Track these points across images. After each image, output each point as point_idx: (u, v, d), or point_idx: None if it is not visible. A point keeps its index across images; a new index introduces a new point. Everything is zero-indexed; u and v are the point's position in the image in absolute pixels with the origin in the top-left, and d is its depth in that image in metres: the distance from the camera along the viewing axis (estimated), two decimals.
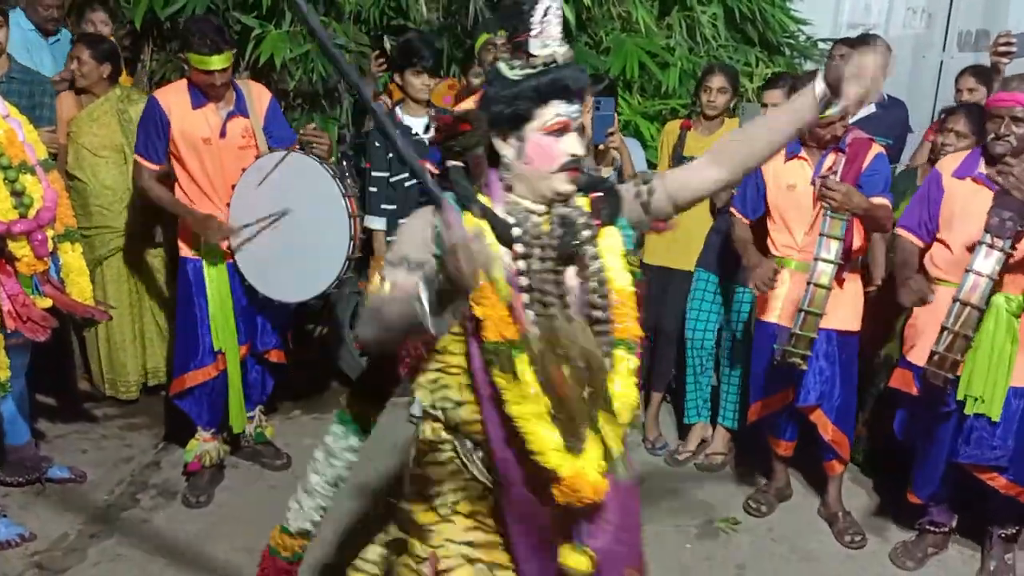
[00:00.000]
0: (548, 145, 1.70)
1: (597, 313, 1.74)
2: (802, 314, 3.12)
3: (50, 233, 3.01)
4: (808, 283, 3.12)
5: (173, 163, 3.43)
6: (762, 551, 3.38)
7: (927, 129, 4.20)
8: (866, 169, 3.22)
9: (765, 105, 3.73)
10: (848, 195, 3.05)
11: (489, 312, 1.63)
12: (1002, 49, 3.44)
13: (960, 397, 2.95)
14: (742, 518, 3.57)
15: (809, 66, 5.11)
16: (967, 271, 2.84)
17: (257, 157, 3.38)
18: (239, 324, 3.52)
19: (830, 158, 3.28)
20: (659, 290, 4.01)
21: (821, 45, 5.19)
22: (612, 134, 3.58)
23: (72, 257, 3.14)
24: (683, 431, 4.19)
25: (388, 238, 4.00)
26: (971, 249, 2.90)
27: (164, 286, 4.20)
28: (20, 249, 2.92)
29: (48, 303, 3.02)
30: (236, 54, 3.45)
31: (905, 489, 3.32)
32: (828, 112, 1.68)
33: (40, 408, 4.01)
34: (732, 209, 3.51)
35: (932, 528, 3.31)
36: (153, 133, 3.37)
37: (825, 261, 3.11)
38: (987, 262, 2.81)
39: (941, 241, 3.11)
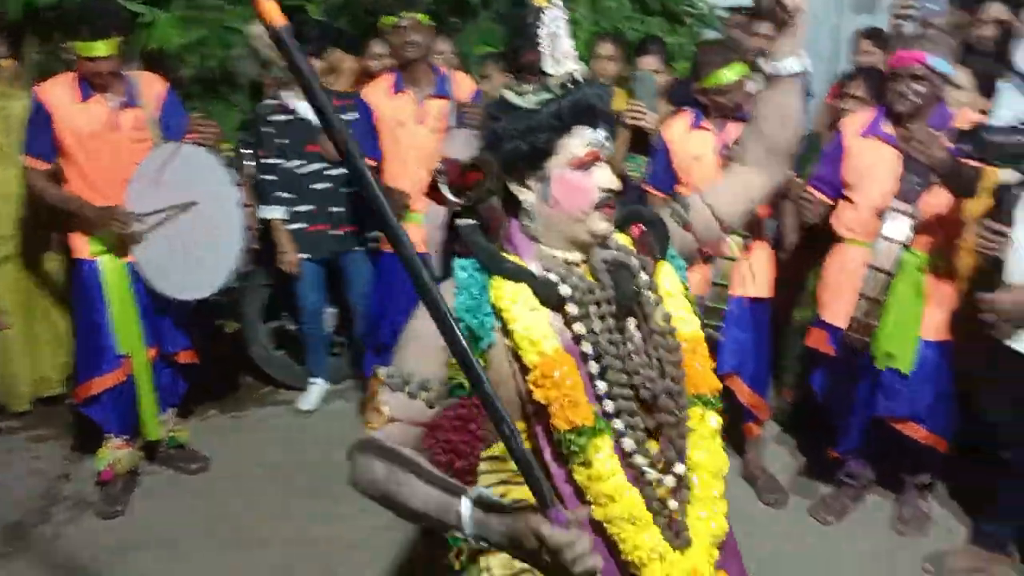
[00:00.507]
0: (577, 181, 1.42)
1: (669, 369, 1.45)
2: (713, 286, 3.18)
3: None
4: (718, 256, 3.17)
5: (62, 160, 3.26)
6: None
7: (827, 94, 4.29)
8: None
9: (641, 70, 3.70)
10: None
11: (553, 394, 1.36)
12: (902, 12, 3.53)
13: (873, 352, 3.04)
14: None
15: (710, 34, 5.16)
16: (880, 237, 2.91)
17: (151, 149, 3.24)
18: (144, 326, 3.38)
19: (734, 128, 3.31)
20: None
21: (720, 13, 5.25)
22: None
23: None
24: None
25: (288, 226, 3.92)
26: (879, 210, 2.98)
27: (60, 291, 4.01)
28: None
29: None
30: (125, 42, 3.29)
31: (826, 446, 3.42)
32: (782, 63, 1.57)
33: None
34: (646, 186, 3.53)
35: (850, 481, 3.41)
36: (39, 131, 3.21)
37: (733, 233, 3.15)
38: (898, 227, 2.89)
39: (848, 200, 3.18)
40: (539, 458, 1.36)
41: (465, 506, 1.21)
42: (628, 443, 1.40)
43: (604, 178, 1.43)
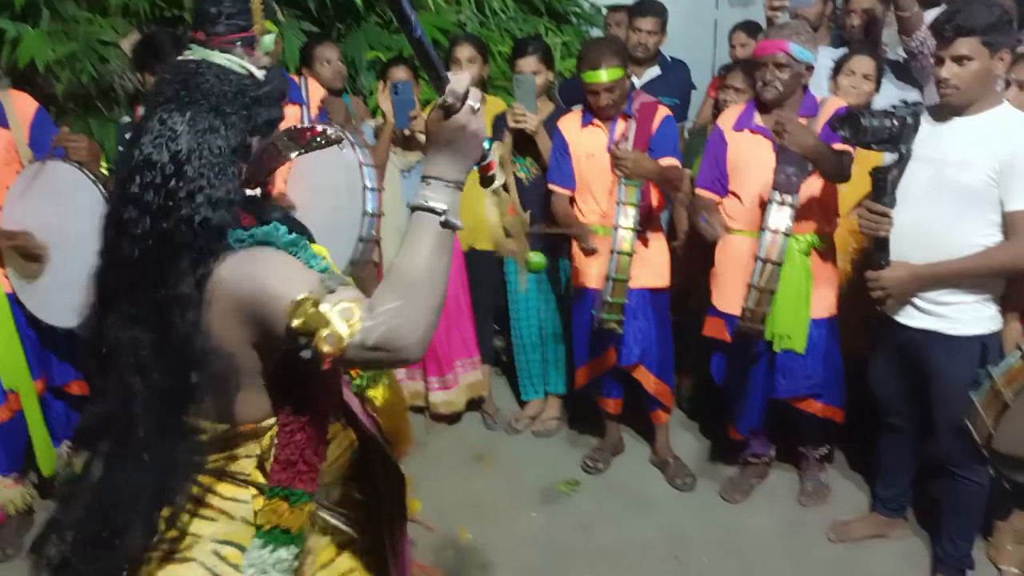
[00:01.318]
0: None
1: None
2: (611, 281, 3.22)
3: None
4: (612, 251, 3.22)
5: None
6: (604, 506, 3.50)
7: (709, 87, 4.42)
8: (655, 132, 3.34)
9: (521, 72, 3.69)
10: (637, 162, 3.16)
11: None
12: (776, 4, 3.67)
13: (768, 337, 3.14)
14: (581, 478, 3.67)
15: (595, 32, 5.25)
16: (763, 229, 3.00)
17: (19, 172, 3.08)
18: (30, 358, 3.21)
19: (621, 124, 3.38)
20: (474, 269, 4.02)
21: (605, 12, 5.34)
22: (415, 117, 3.53)
23: None
24: (521, 403, 4.24)
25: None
26: (762, 200, 3.09)
27: None
28: None
29: None
30: None
31: (728, 428, 3.53)
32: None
33: None
34: (551, 184, 3.55)
35: (754, 460, 3.54)
36: None
37: (625, 228, 3.21)
38: (780, 218, 2.99)
39: (733, 193, 3.28)
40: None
41: (421, 203, 1.34)
42: None
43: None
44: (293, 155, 1.56)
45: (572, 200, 3.55)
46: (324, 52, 3.86)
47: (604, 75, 3.27)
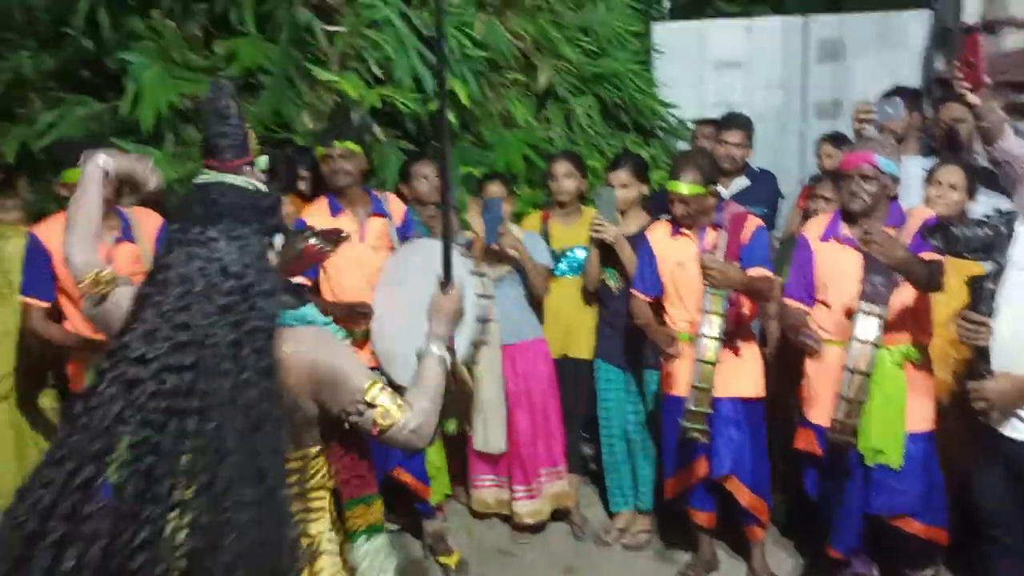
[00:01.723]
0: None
1: None
2: (694, 390, 3.20)
3: None
4: (696, 360, 3.21)
5: (61, 298, 3.31)
6: None
7: (798, 196, 4.45)
8: (746, 242, 3.38)
9: (612, 186, 3.85)
10: (725, 271, 3.18)
11: None
12: (863, 117, 3.72)
13: (861, 450, 3.05)
14: None
15: (683, 146, 5.37)
16: (851, 339, 2.97)
17: None
18: None
19: (711, 234, 3.43)
20: (565, 377, 4.06)
21: (691, 126, 5.48)
22: (504, 233, 3.63)
23: None
24: (610, 515, 4.17)
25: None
26: (849, 310, 3.06)
27: (53, 427, 3.97)
28: None
29: None
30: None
31: (825, 546, 3.39)
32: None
33: None
34: (633, 290, 3.61)
35: None
36: (37, 270, 3.26)
37: (708, 337, 3.20)
38: (868, 328, 2.95)
39: (821, 303, 3.26)
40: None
41: (435, 352, 1.91)
42: None
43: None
44: (328, 248, 1.97)
45: (659, 307, 3.58)
46: (421, 169, 4.07)
47: (683, 188, 3.36)
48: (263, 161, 1.91)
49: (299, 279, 3.29)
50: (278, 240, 1.81)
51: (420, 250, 3.43)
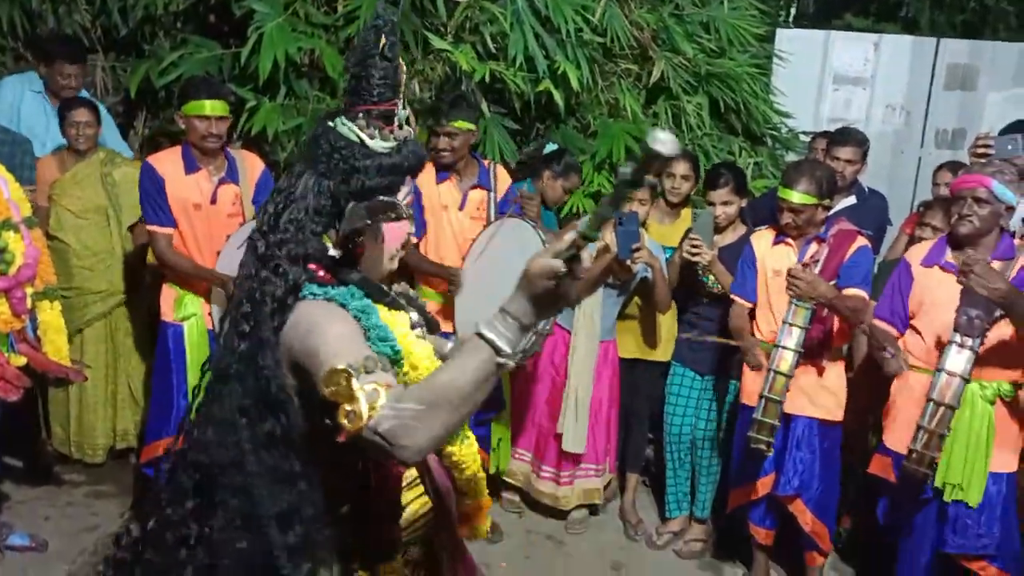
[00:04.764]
0: (400, 224, 1.64)
1: None
2: (763, 400, 3.14)
3: (29, 291, 2.98)
4: (769, 369, 3.13)
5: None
6: None
7: (905, 222, 4.28)
8: (847, 260, 3.26)
9: (712, 204, 3.75)
10: (813, 284, 3.08)
11: None
12: (980, 150, 3.56)
13: (938, 484, 2.94)
14: None
15: (791, 157, 5.22)
16: (938, 370, 2.86)
17: (242, 224, 3.39)
18: None
19: (812, 247, 3.33)
20: (630, 377, 4.01)
21: (803, 137, 5.32)
22: (638, 249, 3.49)
23: (50, 315, 3.11)
24: (664, 518, 4.11)
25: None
26: (941, 339, 2.94)
27: (142, 350, 4.15)
28: None
29: (22, 361, 2.98)
30: (231, 118, 3.51)
31: None
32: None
33: (5, 470, 3.90)
34: (733, 295, 3.54)
35: None
36: (155, 197, 3.39)
37: (786, 348, 3.13)
38: (958, 361, 2.84)
39: (914, 328, 3.14)
40: None
41: (488, 335, 1.32)
42: None
43: (408, 225, 1.65)
44: (366, 223, 1.64)
45: (752, 315, 3.50)
46: (562, 177, 4.01)
47: (795, 196, 3.26)
48: (403, 115, 1.64)
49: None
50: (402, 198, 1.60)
51: (513, 231, 3.44)
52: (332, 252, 1.58)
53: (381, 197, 1.58)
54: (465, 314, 3.51)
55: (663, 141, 1.16)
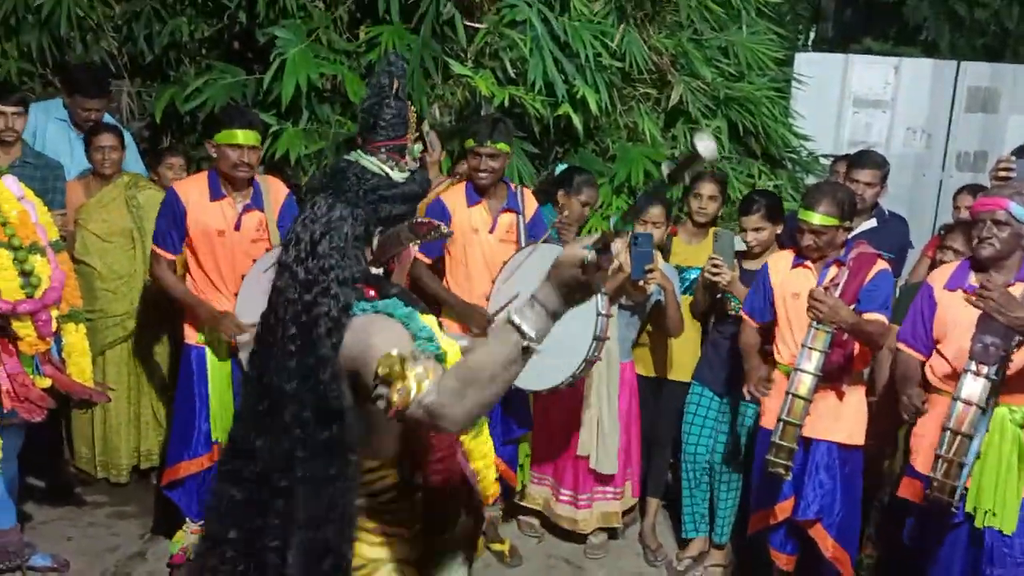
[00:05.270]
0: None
1: None
2: (781, 423, 3.11)
3: (55, 313, 3.03)
4: (787, 392, 3.12)
5: (186, 252, 3.49)
6: None
7: (927, 245, 4.26)
8: (867, 284, 3.24)
9: (744, 230, 3.76)
10: (834, 308, 3.06)
11: None
12: (1002, 173, 3.54)
13: (969, 509, 2.91)
14: None
15: (810, 180, 5.22)
16: (954, 399, 2.83)
17: (268, 250, 3.42)
18: None
19: (832, 270, 3.32)
20: (651, 399, 4.00)
21: (823, 160, 5.32)
22: (652, 271, 3.52)
23: (76, 338, 3.15)
24: (682, 541, 4.09)
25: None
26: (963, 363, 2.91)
27: (165, 371, 4.19)
28: (24, 329, 2.93)
29: (47, 383, 3.02)
30: (261, 148, 3.57)
31: None
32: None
33: (29, 490, 3.94)
34: (742, 313, 3.54)
35: None
36: (171, 223, 3.44)
37: (805, 372, 3.11)
38: (974, 389, 2.80)
39: (939, 352, 3.12)
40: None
41: (516, 321, 1.48)
42: None
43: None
44: (413, 244, 1.85)
45: (772, 337, 3.48)
46: (583, 192, 4.00)
47: (815, 218, 3.25)
48: (415, 149, 1.86)
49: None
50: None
51: (544, 253, 3.45)
52: (375, 271, 1.78)
53: (406, 221, 1.79)
54: None
55: (705, 143, 1.27)
